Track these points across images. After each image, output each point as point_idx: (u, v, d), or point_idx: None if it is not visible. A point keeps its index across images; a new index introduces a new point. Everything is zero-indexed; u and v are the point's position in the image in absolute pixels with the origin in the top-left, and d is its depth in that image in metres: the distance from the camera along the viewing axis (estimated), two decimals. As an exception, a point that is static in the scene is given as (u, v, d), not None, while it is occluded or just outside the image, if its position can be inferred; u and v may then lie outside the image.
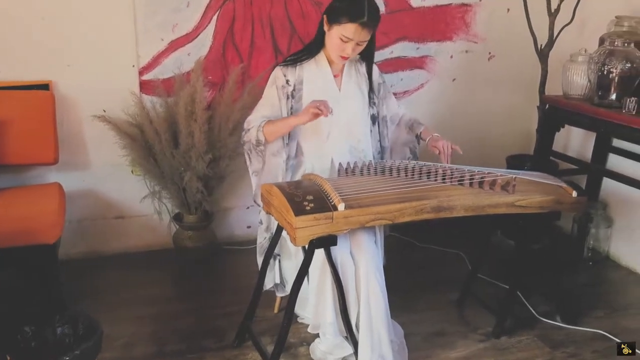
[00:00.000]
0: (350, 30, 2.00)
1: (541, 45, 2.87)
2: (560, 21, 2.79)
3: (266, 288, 2.25)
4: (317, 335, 2.11)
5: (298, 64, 2.15)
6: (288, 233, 1.83)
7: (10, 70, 2.59)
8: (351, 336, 1.97)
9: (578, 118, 2.66)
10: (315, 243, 1.78)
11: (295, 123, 2.05)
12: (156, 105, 2.76)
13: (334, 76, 2.18)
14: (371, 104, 2.24)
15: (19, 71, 2.59)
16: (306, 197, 1.79)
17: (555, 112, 2.80)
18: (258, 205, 2.17)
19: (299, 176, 2.14)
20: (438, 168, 2.05)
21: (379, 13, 2.07)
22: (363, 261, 1.96)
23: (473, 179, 2.02)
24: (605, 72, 2.45)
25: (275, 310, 2.43)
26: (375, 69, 2.28)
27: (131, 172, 2.85)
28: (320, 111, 1.94)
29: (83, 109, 2.72)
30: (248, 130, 2.13)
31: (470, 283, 2.53)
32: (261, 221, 2.26)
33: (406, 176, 2.02)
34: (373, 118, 2.25)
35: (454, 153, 2.16)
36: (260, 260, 2.21)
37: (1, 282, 2.47)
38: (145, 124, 2.68)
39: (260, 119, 2.11)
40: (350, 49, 2.04)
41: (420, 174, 2.02)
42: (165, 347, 2.22)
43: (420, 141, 2.29)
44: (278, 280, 2.27)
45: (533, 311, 2.47)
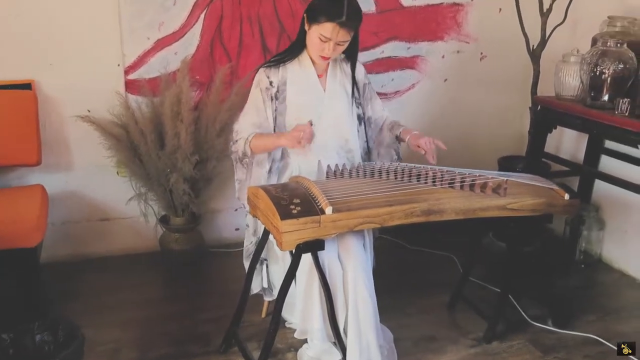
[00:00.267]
0: (328, 29, 1.97)
1: (533, 45, 2.85)
2: (552, 21, 2.77)
3: (253, 292, 2.22)
4: (305, 340, 2.07)
5: (281, 65, 2.12)
6: (274, 237, 1.80)
7: (-10, 69, 2.53)
8: (339, 341, 1.94)
9: (570, 119, 2.63)
10: (302, 247, 1.75)
11: (283, 145, 2.03)
12: (142, 105, 2.71)
13: (318, 76, 2.15)
14: (356, 104, 2.21)
15: (0, 70, 2.53)
16: (293, 201, 1.75)
17: (547, 114, 2.77)
18: (242, 204, 2.15)
19: (286, 179, 2.11)
20: (428, 170, 2.01)
21: (360, 13, 2.04)
22: (351, 266, 1.93)
23: (464, 182, 1.99)
24: (597, 73, 2.42)
25: (262, 314, 2.39)
26: (360, 69, 2.25)
27: (117, 174, 2.80)
28: (299, 143, 1.93)
29: (67, 109, 2.66)
30: (236, 141, 2.12)
31: (461, 286, 2.50)
32: (248, 225, 2.23)
33: (396, 179, 1.98)
34: (359, 118, 2.22)
35: (443, 152, 2.12)
36: (247, 264, 2.17)
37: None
38: (130, 125, 2.63)
39: (248, 129, 2.09)
40: (329, 49, 2.01)
41: (410, 177, 1.98)
42: (150, 353, 2.18)
43: (400, 142, 2.26)
44: (265, 284, 2.23)
45: (524, 315, 2.45)
